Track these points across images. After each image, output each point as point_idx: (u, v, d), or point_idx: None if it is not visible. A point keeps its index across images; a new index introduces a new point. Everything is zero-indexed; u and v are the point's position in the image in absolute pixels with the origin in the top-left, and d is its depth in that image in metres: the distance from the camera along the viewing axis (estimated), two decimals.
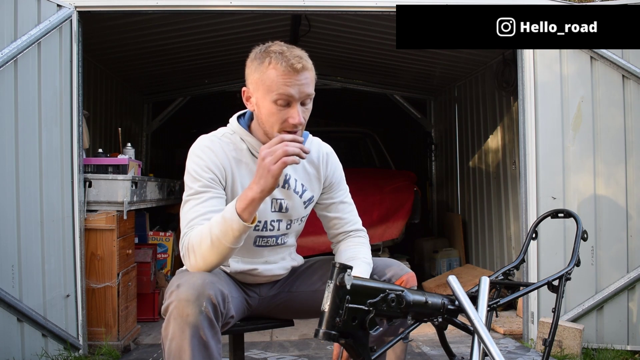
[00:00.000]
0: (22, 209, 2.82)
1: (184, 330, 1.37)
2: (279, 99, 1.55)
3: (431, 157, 6.68)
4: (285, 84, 1.54)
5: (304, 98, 1.58)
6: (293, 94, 1.55)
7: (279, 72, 1.54)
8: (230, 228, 1.46)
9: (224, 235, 1.47)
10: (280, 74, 1.54)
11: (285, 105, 1.56)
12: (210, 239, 1.48)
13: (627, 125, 3.32)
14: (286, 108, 1.57)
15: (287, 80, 1.54)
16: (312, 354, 3.20)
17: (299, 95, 1.56)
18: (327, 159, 1.83)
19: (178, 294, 1.40)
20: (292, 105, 1.56)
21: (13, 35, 2.81)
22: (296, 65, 1.54)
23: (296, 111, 1.56)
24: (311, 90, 1.59)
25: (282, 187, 1.72)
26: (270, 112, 1.58)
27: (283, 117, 1.57)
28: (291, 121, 1.56)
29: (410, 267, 4.38)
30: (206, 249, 1.49)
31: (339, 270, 1.24)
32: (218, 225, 1.47)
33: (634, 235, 3.29)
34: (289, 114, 1.56)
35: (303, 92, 1.56)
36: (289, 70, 1.54)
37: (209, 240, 1.48)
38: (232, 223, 1.45)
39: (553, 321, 1.70)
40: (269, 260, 1.77)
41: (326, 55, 5.18)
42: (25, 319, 2.80)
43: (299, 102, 1.57)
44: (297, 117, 1.56)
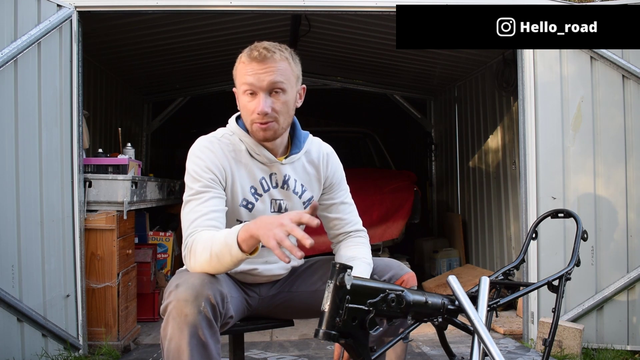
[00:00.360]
0: (22, 209, 2.82)
1: (183, 330, 1.37)
2: (245, 89, 1.61)
3: (431, 157, 6.68)
4: (246, 73, 1.59)
5: (268, 87, 1.59)
6: (253, 82, 1.58)
7: (243, 64, 1.61)
8: (229, 253, 1.45)
9: (222, 256, 1.46)
10: (244, 64, 1.60)
11: (252, 95, 1.60)
12: (210, 254, 1.47)
13: (627, 126, 3.32)
14: (253, 99, 1.60)
15: (249, 69, 1.58)
16: (312, 354, 3.20)
17: (259, 83, 1.58)
18: (327, 159, 1.83)
19: (177, 294, 1.40)
20: (257, 94, 1.60)
21: (13, 35, 2.81)
22: (253, 54, 1.58)
23: (259, 100, 1.59)
24: (277, 79, 1.59)
25: (281, 187, 1.72)
26: (242, 105, 1.64)
27: (251, 108, 1.61)
28: (256, 110, 1.59)
29: (410, 267, 4.38)
30: (205, 260, 1.49)
31: (339, 270, 1.24)
32: (219, 245, 1.46)
33: (634, 235, 3.29)
34: (254, 104, 1.60)
35: (264, 81, 1.57)
36: (249, 60, 1.58)
37: (208, 254, 1.48)
38: (231, 249, 1.44)
39: (553, 321, 1.70)
40: (269, 260, 1.77)
41: (326, 55, 5.18)
42: (25, 319, 2.80)
43: (265, 91, 1.59)
44: (260, 107, 1.58)
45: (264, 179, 1.70)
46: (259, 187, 1.70)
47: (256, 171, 1.70)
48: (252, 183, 1.69)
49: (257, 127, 1.62)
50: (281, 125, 1.64)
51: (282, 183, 1.73)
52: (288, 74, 1.62)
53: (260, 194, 1.70)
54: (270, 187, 1.72)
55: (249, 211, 1.68)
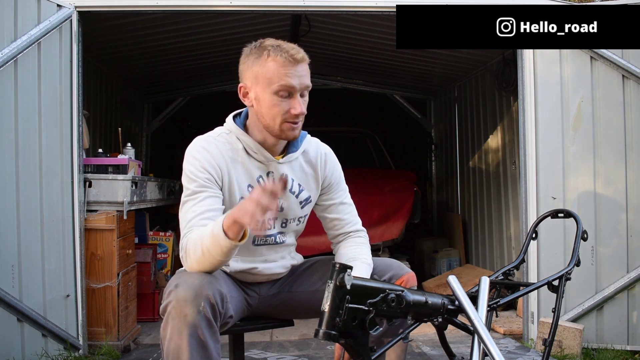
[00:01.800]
0: (22, 209, 2.82)
1: (182, 330, 1.37)
2: (281, 90, 1.58)
3: (431, 157, 6.68)
4: (286, 74, 1.57)
5: (303, 89, 1.61)
6: (294, 84, 1.58)
7: (279, 64, 1.57)
8: (218, 244, 1.45)
9: (213, 248, 1.46)
10: (281, 65, 1.57)
11: (286, 96, 1.59)
12: (201, 249, 1.47)
13: (627, 126, 3.32)
14: (287, 99, 1.60)
15: (288, 71, 1.57)
16: (312, 354, 3.20)
17: (300, 86, 1.59)
18: (325, 159, 1.83)
19: (176, 293, 1.40)
20: (293, 96, 1.60)
21: (13, 35, 2.81)
22: (296, 56, 1.58)
23: (298, 101, 1.60)
24: (309, 83, 1.63)
25: None
26: (272, 104, 1.60)
27: (285, 108, 1.60)
28: (293, 112, 1.59)
29: (410, 267, 4.38)
30: (199, 257, 1.49)
31: (339, 270, 1.24)
32: (208, 238, 1.46)
33: (634, 235, 3.29)
34: (291, 105, 1.59)
35: (303, 84, 1.60)
36: (290, 61, 1.57)
37: (200, 250, 1.48)
38: (219, 239, 1.44)
39: (553, 321, 1.70)
40: (268, 259, 1.77)
41: (326, 55, 5.18)
42: (25, 319, 2.80)
43: (299, 93, 1.60)
44: (299, 108, 1.59)
45: (261, 177, 1.70)
46: (256, 186, 1.69)
47: (253, 170, 1.70)
48: (249, 181, 1.69)
49: (289, 126, 1.62)
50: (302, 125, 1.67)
51: None
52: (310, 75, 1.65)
53: None
54: None
55: None
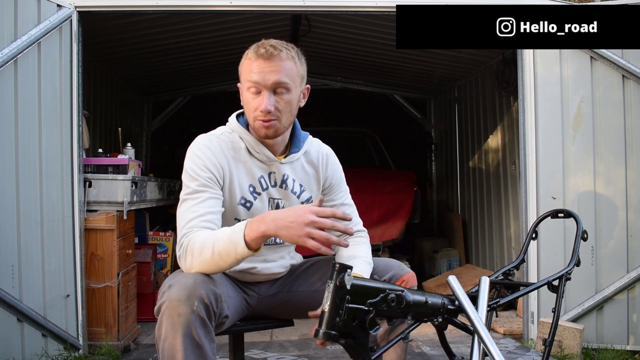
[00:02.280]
0: (22, 209, 2.82)
1: (176, 330, 1.37)
2: (250, 86, 1.61)
3: (431, 157, 6.68)
4: (252, 71, 1.59)
5: (272, 86, 1.59)
6: (257, 80, 1.58)
7: (250, 61, 1.61)
8: (234, 251, 1.45)
9: (227, 255, 1.46)
10: (252, 60, 1.60)
11: (256, 93, 1.60)
12: (212, 252, 1.47)
13: (627, 125, 3.32)
14: (257, 96, 1.60)
15: (255, 67, 1.58)
16: (312, 354, 3.20)
17: (264, 82, 1.58)
18: (326, 160, 1.83)
19: (169, 294, 1.40)
20: (261, 92, 1.59)
21: (13, 35, 2.81)
22: (260, 51, 1.58)
23: (264, 98, 1.58)
24: (281, 79, 1.58)
25: (279, 186, 1.72)
26: (247, 102, 1.64)
27: (254, 105, 1.61)
28: (259, 108, 1.59)
29: (410, 267, 4.38)
30: (206, 259, 1.48)
31: (339, 270, 1.24)
32: (224, 243, 1.46)
33: (634, 235, 3.29)
34: (258, 102, 1.60)
35: (269, 80, 1.58)
36: (256, 58, 1.59)
37: (210, 253, 1.47)
38: (237, 247, 1.44)
39: (553, 321, 1.70)
40: (267, 259, 1.77)
41: (326, 55, 5.18)
42: (25, 319, 2.80)
43: (270, 90, 1.59)
44: (262, 105, 1.58)
45: (262, 177, 1.70)
46: (258, 186, 1.69)
47: (255, 169, 1.69)
48: (250, 181, 1.69)
49: (260, 124, 1.62)
50: (283, 124, 1.64)
51: (280, 182, 1.73)
52: (293, 73, 1.61)
53: (259, 193, 1.70)
54: (269, 185, 1.71)
55: (247, 210, 1.68)
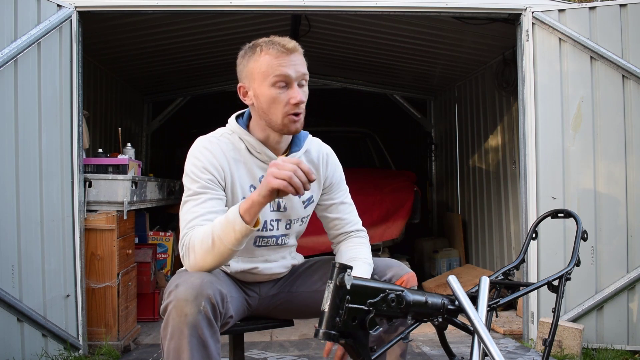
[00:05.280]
0: (22, 209, 2.82)
1: (183, 330, 1.37)
2: (278, 80, 1.58)
3: (431, 157, 6.68)
4: (280, 64, 1.58)
5: (300, 78, 1.61)
6: (290, 73, 1.58)
7: (272, 56, 1.58)
8: (232, 229, 1.45)
9: (226, 236, 1.46)
10: (274, 57, 1.58)
11: (284, 87, 1.59)
12: (212, 239, 1.47)
13: (627, 125, 3.32)
14: (285, 90, 1.59)
15: (282, 61, 1.58)
16: (312, 354, 3.20)
17: (296, 74, 1.59)
18: (327, 160, 1.83)
19: (176, 293, 1.40)
20: (291, 85, 1.59)
21: (13, 35, 2.81)
22: (288, 46, 1.58)
23: (296, 90, 1.59)
24: (305, 70, 1.62)
25: None
26: (271, 97, 1.60)
27: (284, 98, 1.59)
28: (293, 101, 1.58)
29: (410, 267, 4.38)
30: (207, 248, 1.48)
31: (339, 270, 1.24)
32: (221, 225, 1.47)
33: (634, 235, 3.29)
34: (290, 95, 1.59)
35: (299, 72, 1.60)
36: (282, 51, 1.58)
37: (210, 240, 1.47)
38: (234, 224, 1.45)
39: (553, 321, 1.70)
40: (269, 259, 1.77)
41: (326, 55, 5.18)
42: (25, 319, 2.80)
43: (298, 82, 1.60)
44: (298, 96, 1.58)
45: (263, 177, 1.70)
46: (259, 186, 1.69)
47: (256, 170, 1.69)
48: (251, 182, 1.69)
49: (291, 119, 1.61)
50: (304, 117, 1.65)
51: None
52: (306, 65, 1.65)
53: None
54: None
55: None
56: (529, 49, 3.33)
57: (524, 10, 3.32)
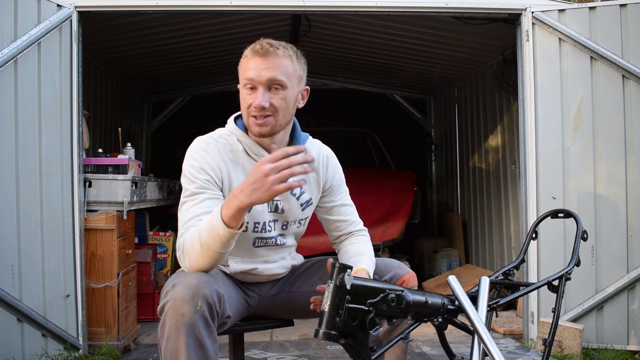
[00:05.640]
0: (22, 209, 2.82)
1: (180, 330, 1.37)
2: (246, 83, 1.60)
3: (431, 157, 6.68)
4: (247, 67, 1.59)
5: (267, 83, 1.57)
6: (252, 76, 1.57)
7: (247, 58, 1.61)
8: (217, 235, 1.44)
9: (212, 241, 1.45)
10: (248, 59, 1.60)
11: (251, 89, 1.59)
12: (200, 244, 1.47)
13: (627, 125, 3.32)
14: (252, 92, 1.59)
15: (250, 64, 1.58)
16: (312, 354, 3.20)
17: (258, 78, 1.57)
18: (327, 162, 1.82)
19: (173, 293, 1.40)
20: (256, 89, 1.58)
21: (13, 35, 2.81)
22: (256, 47, 1.58)
23: (257, 94, 1.57)
24: (276, 76, 1.57)
25: None
26: (242, 99, 1.62)
27: (248, 101, 1.59)
28: (253, 104, 1.58)
29: (410, 267, 4.38)
30: (197, 253, 1.48)
31: (339, 270, 1.24)
32: (206, 230, 1.46)
33: (634, 235, 3.29)
34: (252, 98, 1.58)
35: (264, 76, 1.56)
36: (252, 55, 1.59)
37: (198, 245, 1.47)
38: (218, 230, 1.44)
39: (553, 321, 1.70)
40: (268, 260, 1.77)
41: (326, 55, 5.18)
42: (25, 319, 2.80)
43: (265, 86, 1.57)
44: (257, 101, 1.56)
45: None
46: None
47: None
48: None
49: (253, 121, 1.60)
50: (279, 122, 1.61)
51: None
52: (289, 71, 1.60)
53: None
54: None
55: (247, 212, 1.68)
56: (529, 49, 3.33)
57: (524, 10, 3.32)
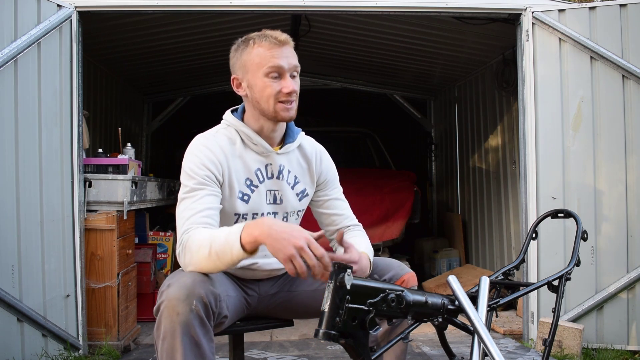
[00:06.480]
0: (22, 209, 2.82)
1: (175, 329, 1.38)
2: (271, 71, 1.63)
3: (431, 157, 6.68)
4: (273, 56, 1.63)
5: (292, 69, 1.66)
6: (282, 64, 1.63)
7: (265, 48, 1.64)
8: (230, 252, 1.44)
9: (223, 254, 1.45)
10: (267, 48, 1.64)
11: (276, 77, 1.64)
12: (209, 251, 1.46)
13: (627, 125, 3.32)
14: (278, 80, 1.65)
15: (275, 52, 1.64)
16: (312, 354, 3.20)
17: (288, 65, 1.65)
18: (320, 156, 1.87)
19: (168, 293, 1.41)
20: (283, 76, 1.65)
21: (13, 35, 2.81)
22: (280, 38, 1.65)
23: (288, 80, 1.64)
24: (297, 63, 1.67)
25: (276, 178, 1.75)
26: (264, 87, 1.65)
27: (277, 88, 1.64)
28: (285, 90, 1.64)
29: (410, 267, 4.38)
30: (202, 257, 1.47)
31: (339, 270, 1.24)
32: (220, 242, 1.45)
33: (634, 235, 3.29)
34: (282, 85, 1.64)
35: (291, 64, 1.65)
36: (275, 43, 1.64)
37: (206, 251, 1.46)
38: (232, 249, 1.44)
39: (553, 321, 1.70)
40: (268, 254, 1.77)
41: (326, 55, 5.18)
42: (25, 319, 2.80)
43: (289, 72, 1.65)
44: (290, 86, 1.64)
45: (259, 170, 1.72)
46: (255, 179, 1.71)
47: (251, 163, 1.72)
48: (247, 175, 1.71)
49: (282, 107, 1.65)
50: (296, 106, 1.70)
51: (277, 173, 1.75)
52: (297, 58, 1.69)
53: (257, 186, 1.72)
54: (265, 178, 1.74)
55: (245, 203, 1.70)
56: (529, 49, 3.33)
57: (524, 10, 3.32)
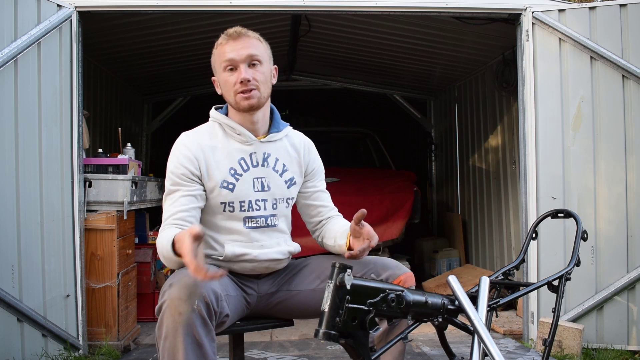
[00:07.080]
0: (22, 209, 2.82)
1: (177, 329, 1.39)
2: (226, 65, 1.73)
3: (431, 157, 6.68)
4: (226, 51, 1.73)
5: (246, 59, 1.72)
6: (233, 57, 1.71)
7: (222, 45, 1.75)
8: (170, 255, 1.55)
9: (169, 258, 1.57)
10: (223, 45, 1.75)
11: (231, 69, 1.73)
12: (162, 255, 1.60)
13: (627, 125, 3.32)
14: (234, 72, 1.73)
15: (228, 47, 1.73)
16: (312, 354, 3.20)
17: (239, 57, 1.71)
18: (309, 147, 1.93)
19: (170, 293, 1.43)
20: (237, 67, 1.72)
21: (13, 35, 2.81)
22: (230, 33, 1.74)
23: (240, 70, 1.71)
24: (253, 52, 1.73)
25: (261, 165, 1.79)
26: (225, 81, 1.74)
27: (232, 80, 1.72)
28: (238, 80, 1.70)
29: (410, 267, 4.39)
30: (162, 258, 1.62)
31: (338, 270, 1.24)
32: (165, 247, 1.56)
33: (634, 235, 3.29)
34: (236, 75, 1.71)
35: (243, 54, 1.71)
36: (226, 40, 1.74)
37: (162, 256, 1.61)
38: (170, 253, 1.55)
39: (553, 321, 1.70)
40: (264, 244, 1.78)
41: (326, 55, 5.18)
42: (25, 319, 2.80)
43: (244, 63, 1.72)
44: (242, 74, 1.70)
45: (243, 159, 1.77)
46: (238, 168, 1.76)
47: (234, 152, 1.77)
48: (230, 164, 1.75)
49: (241, 97, 1.72)
50: (262, 95, 1.74)
51: (262, 161, 1.79)
52: (262, 49, 1.76)
53: (241, 174, 1.76)
54: (250, 166, 1.78)
55: (230, 191, 1.74)
56: (529, 49, 3.33)
57: (524, 10, 3.32)
